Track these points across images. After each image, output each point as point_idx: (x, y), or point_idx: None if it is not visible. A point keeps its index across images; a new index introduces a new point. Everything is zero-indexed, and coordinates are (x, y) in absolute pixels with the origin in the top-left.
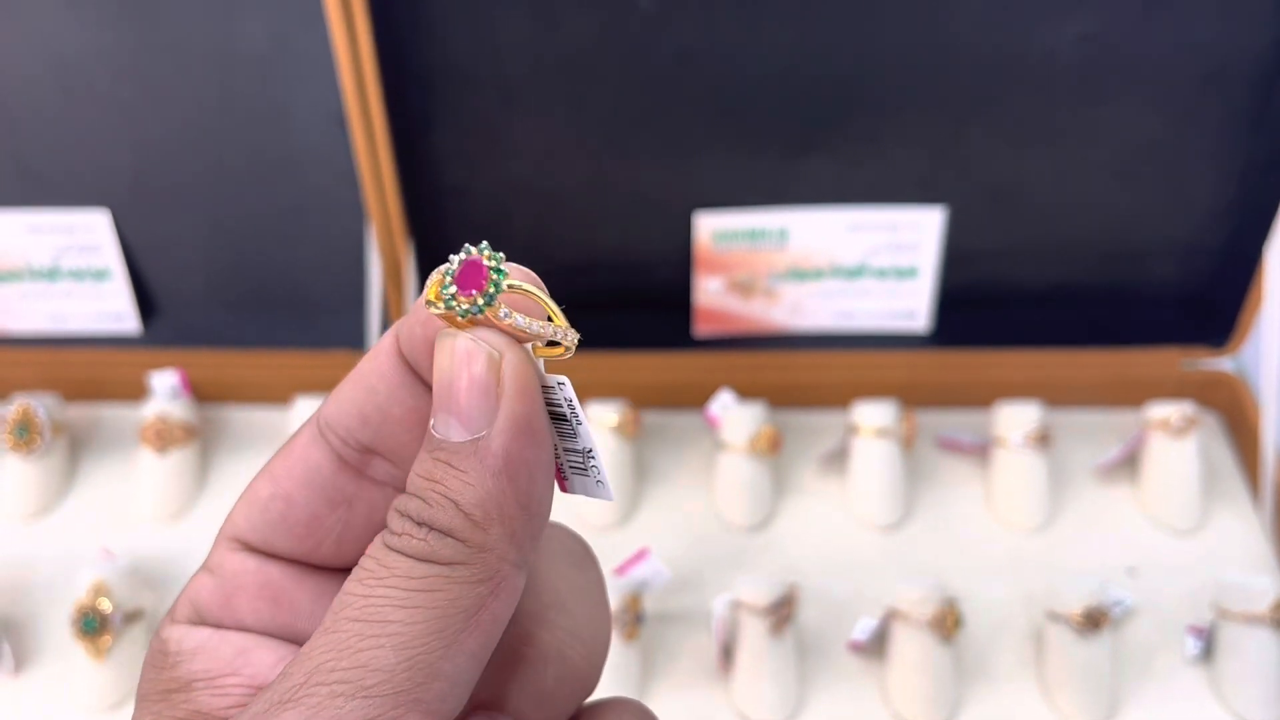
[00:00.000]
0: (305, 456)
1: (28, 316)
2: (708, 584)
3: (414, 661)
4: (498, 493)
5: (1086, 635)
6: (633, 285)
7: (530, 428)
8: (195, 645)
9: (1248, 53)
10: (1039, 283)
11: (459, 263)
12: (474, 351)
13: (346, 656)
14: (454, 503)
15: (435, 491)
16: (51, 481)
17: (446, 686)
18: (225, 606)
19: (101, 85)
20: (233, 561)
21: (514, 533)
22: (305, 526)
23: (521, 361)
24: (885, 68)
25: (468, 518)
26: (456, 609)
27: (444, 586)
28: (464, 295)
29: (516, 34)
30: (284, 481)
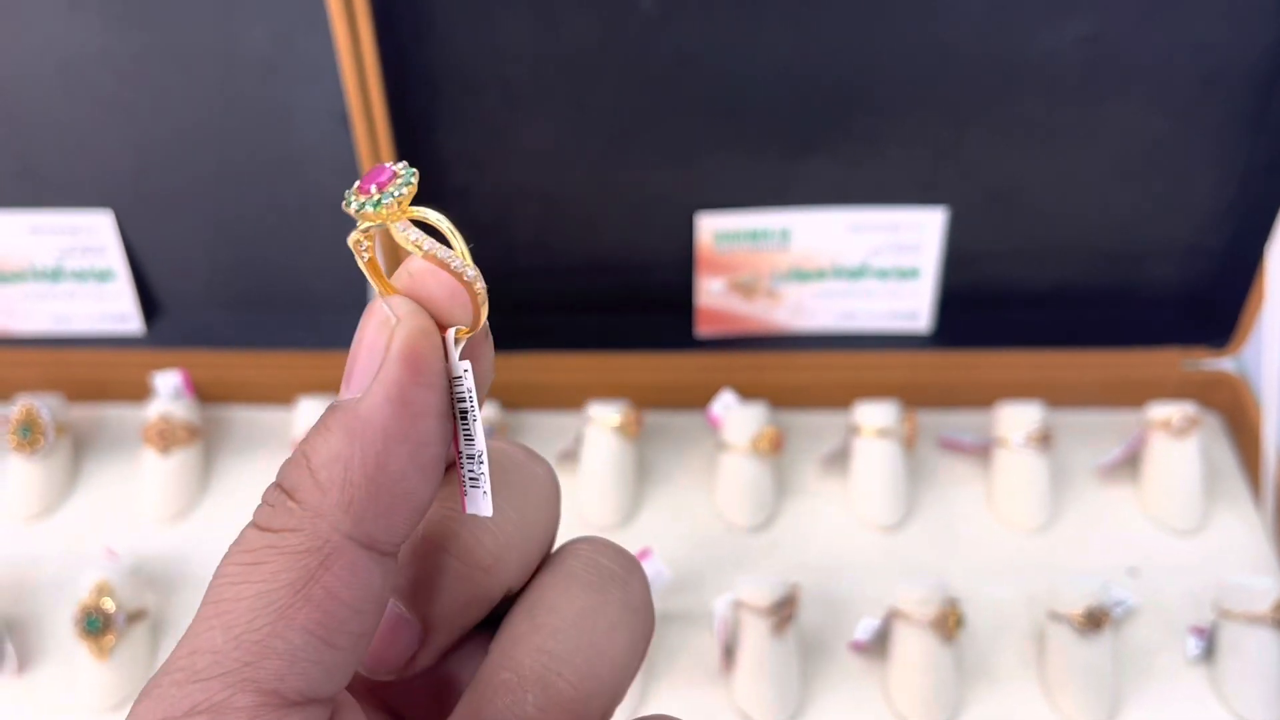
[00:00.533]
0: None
1: (31, 317)
2: (709, 584)
3: (241, 640)
4: (345, 455)
5: (1088, 635)
6: (635, 286)
7: (400, 397)
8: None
9: (1248, 54)
10: (1040, 283)
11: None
12: (378, 314)
13: (186, 643)
14: (306, 457)
15: (299, 447)
16: (55, 482)
17: (283, 664)
18: None
19: (105, 86)
20: None
21: (351, 501)
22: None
23: (414, 331)
24: (886, 69)
25: (313, 475)
26: (280, 582)
27: (271, 558)
28: (362, 192)
29: (518, 35)
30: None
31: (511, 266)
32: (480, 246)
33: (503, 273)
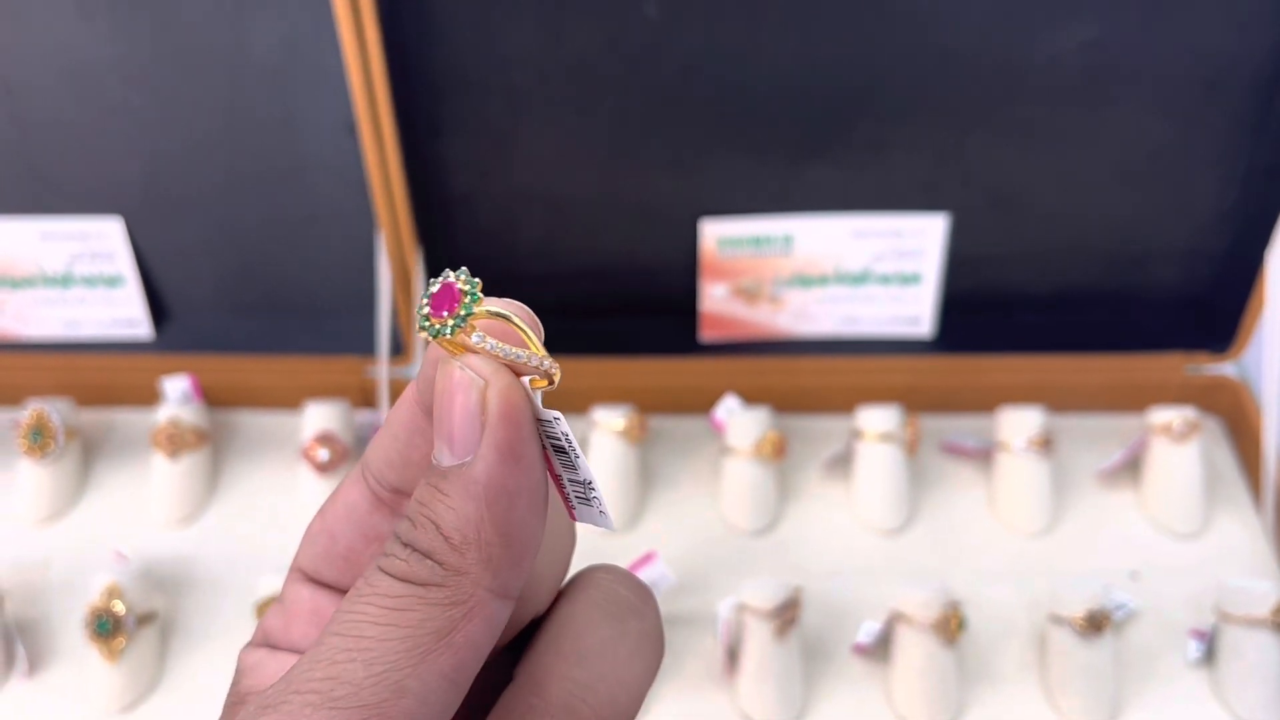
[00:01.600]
0: (347, 495)
1: (41, 322)
2: (713, 587)
3: (381, 677)
4: (475, 518)
5: (1089, 638)
6: (639, 291)
7: (513, 454)
8: (253, 664)
9: (1250, 59)
10: (1042, 288)
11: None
12: (461, 378)
13: (321, 668)
14: (435, 525)
15: (422, 514)
16: (65, 485)
17: (414, 704)
18: (284, 632)
19: (114, 93)
20: (293, 591)
21: (490, 558)
22: (344, 559)
23: (507, 388)
24: (889, 75)
25: (446, 540)
26: (426, 630)
27: (417, 606)
28: (435, 317)
29: (524, 42)
30: (329, 518)
31: (516, 272)
32: (484, 252)
33: (507, 278)
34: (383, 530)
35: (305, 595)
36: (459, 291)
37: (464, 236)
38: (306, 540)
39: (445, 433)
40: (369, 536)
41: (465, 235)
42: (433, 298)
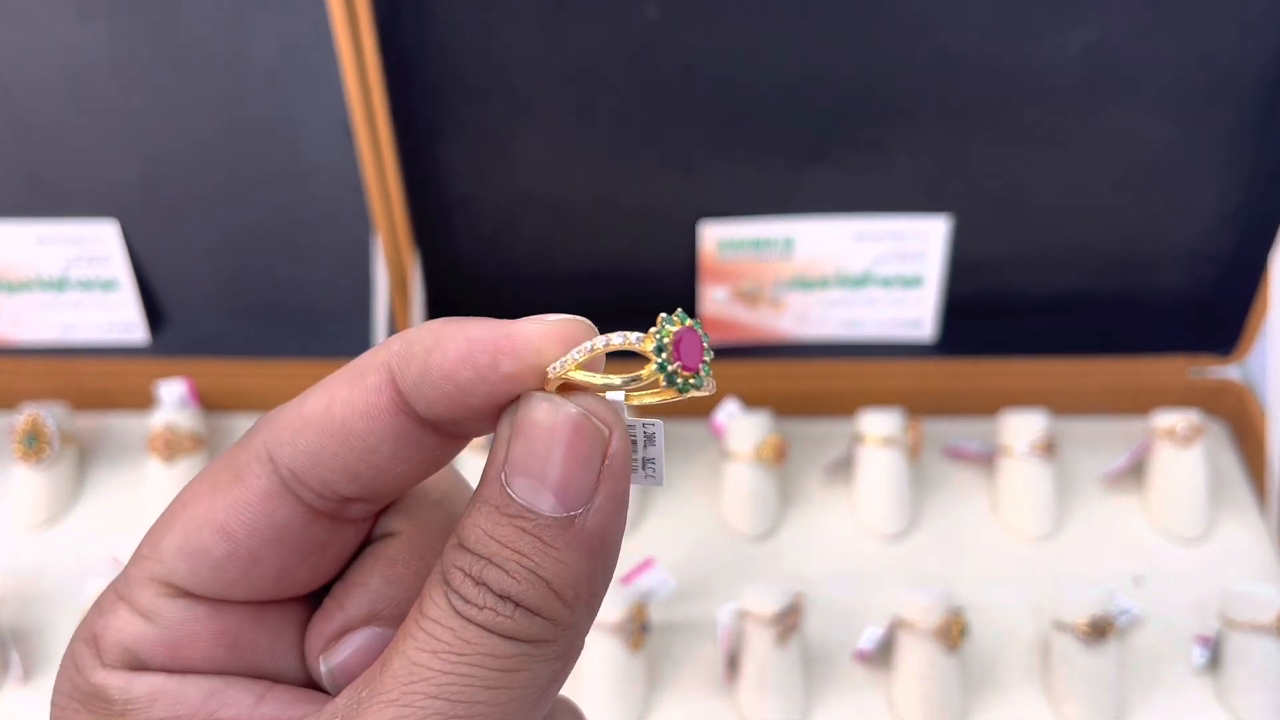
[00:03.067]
0: (269, 511)
1: (37, 326)
2: (713, 593)
3: None
4: (589, 573)
5: (1092, 644)
6: (639, 295)
7: (624, 505)
8: (149, 691)
9: (1253, 62)
10: (1045, 291)
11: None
12: (583, 425)
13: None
14: (544, 580)
15: (521, 565)
16: (60, 491)
17: None
18: (173, 655)
19: (111, 97)
20: (172, 609)
21: (593, 609)
22: (273, 580)
23: (626, 440)
24: (891, 77)
25: (558, 596)
26: (536, 687)
27: (529, 665)
28: (687, 370)
29: (523, 45)
30: (245, 540)
31: (515, 275)
32: (484, 255)
33: (506, 282)
34: (319, 544)
35: (199, 614)
36: (700, 338)
37: (464, 240)
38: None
39: (552, 479)
40: (305, 552)
41: (465, 238)
42: (679, 350)
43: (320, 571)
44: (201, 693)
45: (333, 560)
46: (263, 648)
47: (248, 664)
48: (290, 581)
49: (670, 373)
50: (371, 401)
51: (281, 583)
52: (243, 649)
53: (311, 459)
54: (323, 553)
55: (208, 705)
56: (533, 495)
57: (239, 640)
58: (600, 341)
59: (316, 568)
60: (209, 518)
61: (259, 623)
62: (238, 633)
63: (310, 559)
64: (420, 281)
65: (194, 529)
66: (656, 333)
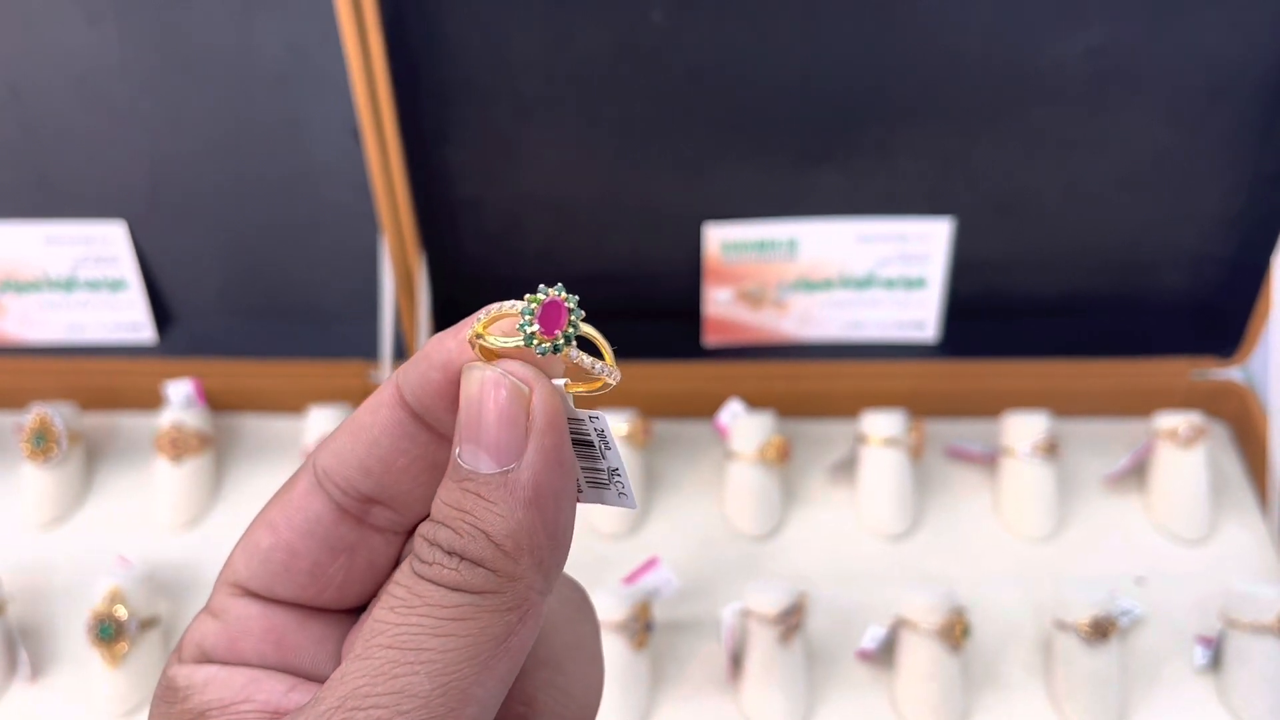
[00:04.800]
0: (305, 506)
1: (45, 326)
2: (717, 592)
3: (448, 687)
4: (528, 524)
5: (1094, 644)
6: (643, 296)
7: (558, 459)
8: (205, 679)
9: (1256, 65)
10: (1047, 293)
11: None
12: (501, 384)
13: (382, 682)
14: (485, 533)
15: (465, 522)
16: (68, 490)
17: (478, 710)
18: (230, 649)
19: (119, 99)
20: (236, 607)
21: (541, 561)
22: (308, 575)
23: (549, 395)
24: (895, 79)
25: (498, 548)
26: (488, 636)
27: (476, 615)
28: (545, 335)
29: (529, 47)
30: (284, 532)
31: (520, 276)
32: (489, 256)
33: (511, 283)
34: (348, 542)
35: (254, 612)
36: (566, 310)
37: (470, 241)
38: (250, 555)
39: (483, 438)
40: (335, 550)
41: (471, 240)
42: (541, 316)
43: (353, 578)
44: (244, 679)
45: (363, 568)
46: (305, 650)
47: (291, 663)
48: (325, 582)
49: (529, 335)
50: (378, 399)
51: (317, 581)
52: (287, 648)
53: (337, 457)
54: (352, 555)
55: (246, 689)
56: (473, 459)
57: (284, 639)
58: (495, 306)
59: (349, 571)
60: (264, 517)
61: (303, 628)
62: (284, 632)
63: (340, 558)
64: (426, 283)
65: (253, 528)
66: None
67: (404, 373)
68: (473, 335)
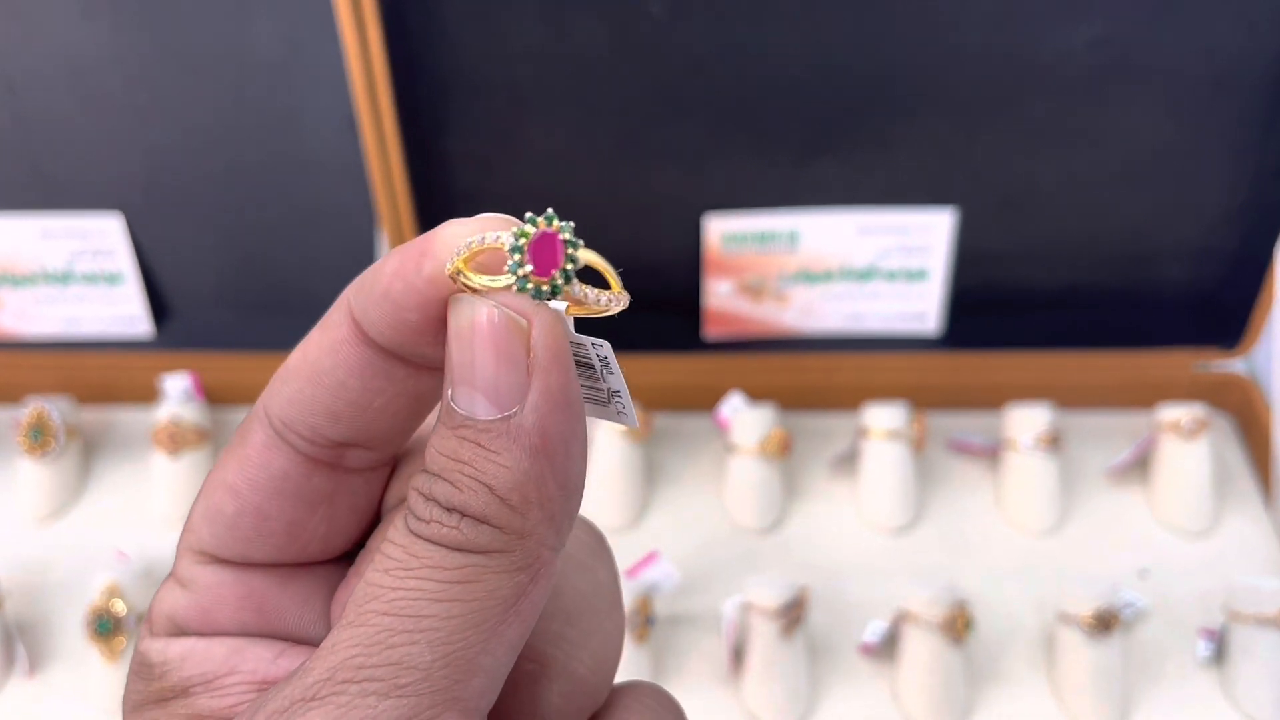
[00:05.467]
0: (266, 463)
1: (41, 320)
2: (718, 586)
3: (451, 658)
4: (536, 474)
5: (1097, 637)
6: (643, 288)
7: (567, 399)
8: (182, 652)
9: (1259, 56)
10: (1050, 285)
11: (528, 237)
12: (496, 319)
13: (377, 653)
14: (488, 487)
15: (464, 474)
16: (65, 484)
17: (485, 681)
18: (205, 619)
19: (115, 90)
20: (205, 575)
21: (553, 515)
22: (285, 535)
23: (552, 326)
24: (896, 70)
25: (504, 502)
26: (495, 600)
27: (481, 577)
28: (540, 275)
29: (528, 38)
30: (249, 495)
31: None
32: None
33: None
34: (325, 492)
35: (226, 579)
36: (562, 242)
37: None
38: (213, 523)
39: (479, 380)
40: (312, 503)
41: None
42: (533, 253)
43: (337, 528)
44: (225, 650)
45: (346, 514)
46: (290, 612)
47: (276, 628)
48: (307, 538)
49: (521, 277)
50: (334, 337)
51: (297, 539)
52: (269, 613)
53: (295, 405)
54: (332, 504)
55: (230, 660)
56: (469, 403)
57: (265, 604)
58: (477, 239)
59: (331, 522)
60: (220, 479)
61: (284, 588)
62: (263, 596)
63: (319, 510)
64: None
65: (210, 492)
66: (517, 233)
67: (362, 309)
68: (453, 271)
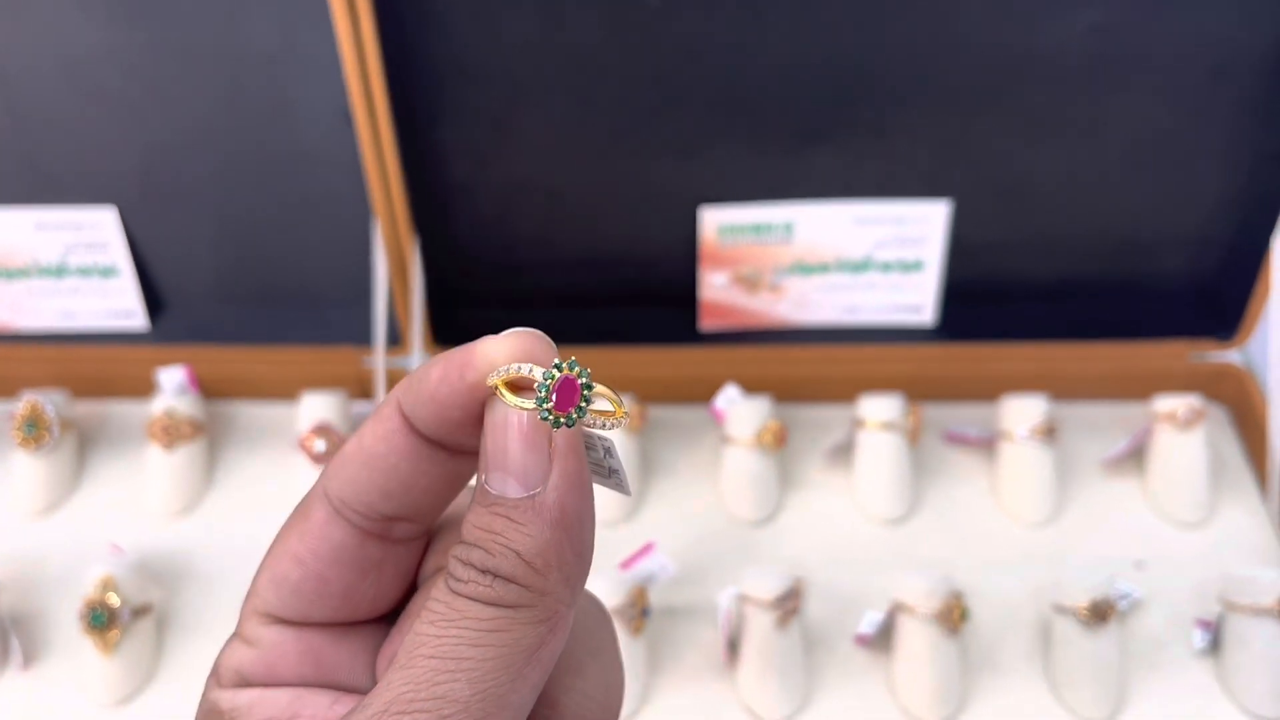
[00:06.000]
0: (327, 536)
1: (36, 313)
2: (713, 578)
3: (486, 694)
4: (555, 542)
5: (1093, 628)
6: (638, 280)
7: (580, 481)
8: (249, 701)
9: (1256, 45)
10: (1046, 276)
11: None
12: (525, 417)
13: (424, 689)
14: (516, 553)
15: (496, 543)
16: (60, 478)
17: (512, 715)
18: (269, 673)
19: (109, 83)
20: (270, 635)
21: (569, 577)
22: (341, 598)
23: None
24: (891, 60)
25: (529, 565)
26: (521, 646)
27: (510, 626)
28: (560, 412)
29: (522, 29)
30: (312, 564)
31: (514, 261)
32: (482, 241)
33: (505, 267)
34: (375, 560)
35: (288, 637)
36: (579, 387)
37: (462, 225)
38: (279, 588)
39: (510, 466)
40: (364, 570)
41: (463, 224)
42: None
43: (383, 591)
44: (288, 697)
45: (391, 579)
46: (343, 666)
47: (330, 680)
48: (359, 600)
49: (545, 409)
50: (387, 428)
51: (351, 601)
52: (325, 667)
53: (353, 485)
54: (380, 570)
55: (292, 706)
56: (501, 485)
57: (322, 659)
58: (514, 367)
59: (379, 585)
60: (286, 549)
61: (339, 645)
62: (320, 652)
63: (370, 576)
64: (419, 266)
65: (276, 561)
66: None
67: (411, 406)
68: (492, 387)
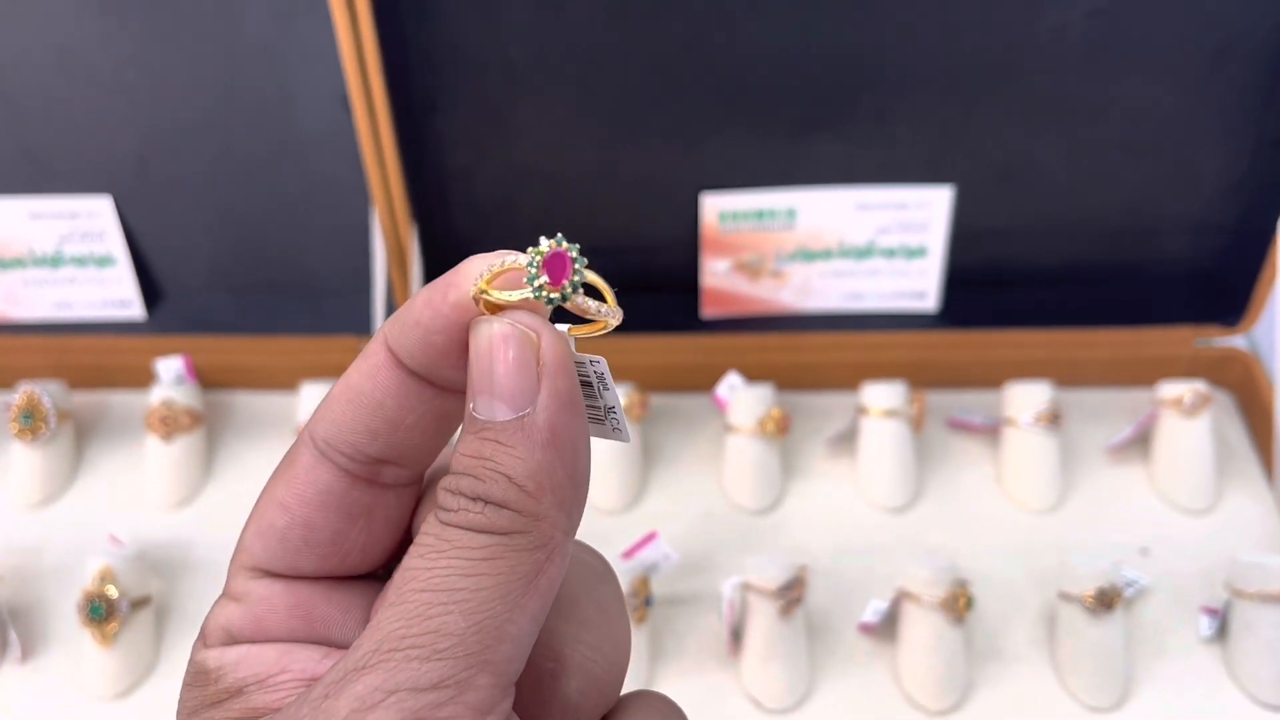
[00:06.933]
0: (313, 480)
1: (32, 303)
2: (716, 567)
3: (482, 625)
4: (547, 464)
5: (1099, 615)
6: (639, 267)
7: (571, 401)
8: (236, 657)
9: (1259, 28)
10: (1049, 261)
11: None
12: (511, 334)
13: (417, 624)
14: (507, 477)
15: (486, 468)
16: (58, 469)
17: (512, 648)
18: (258, 628)
19: (105, 71)
20: (258, 589)
21: (563, 500)
22: (330, 545)
23: (557, 339)
24: (893, 46)
25: (521, 489)
26: (517, 574)
27: (504, 554)
28: (553, 285)
29: (522, 16)
30: (298, 509)
31: (515, 248)
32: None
33: None
34: (364, 505)
35: (277, 590)
36: (570, 259)
37: (461, 213)
38: (265, 538)
39: (496, 388)
40: (352, 516)
41: (463, 212)
42: (547, 268)
43: (374, 540)
44: (276, 653)
45: (382, 527)
46: (334, 621)
47: (321, 635)
48: (348, 549)
49: (537, 287)
50: (372, 364)
51: (340, 549)
52: (316, 622)
53: (338, 426)
54: (370, 518)
55: (281, 661)
56: (489, 408)
57: (312, 613)
58: (497, 260)
59: (369, 534)
60: (272, 498)
61: (330, 599)
62: (310, 606)
63: (358, 523)
64: (418, 255)
65: (262, 512)
66: (533, 251)
67: (395, 337)
68: (477, 292)
